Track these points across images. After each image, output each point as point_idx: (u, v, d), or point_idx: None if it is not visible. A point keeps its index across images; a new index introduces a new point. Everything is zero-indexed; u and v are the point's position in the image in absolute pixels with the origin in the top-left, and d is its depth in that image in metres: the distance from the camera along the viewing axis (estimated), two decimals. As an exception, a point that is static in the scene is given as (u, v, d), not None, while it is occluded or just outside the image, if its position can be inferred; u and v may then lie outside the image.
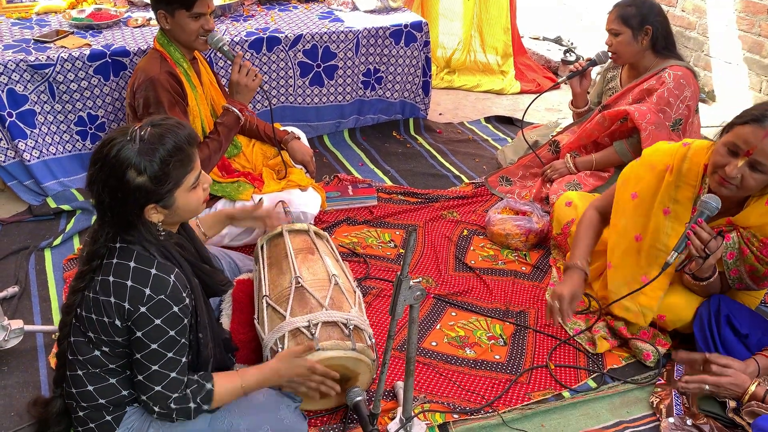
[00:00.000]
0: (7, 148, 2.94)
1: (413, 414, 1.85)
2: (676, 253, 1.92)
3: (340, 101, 3.68)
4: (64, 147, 3.08)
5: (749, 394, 1.85)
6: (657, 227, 2.13)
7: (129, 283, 1.51)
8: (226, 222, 2.27)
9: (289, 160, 2.84)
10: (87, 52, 2.94)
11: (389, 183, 3.31)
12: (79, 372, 1.61)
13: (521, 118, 3.35)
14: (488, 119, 4.10)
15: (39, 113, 2.95)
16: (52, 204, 2.96)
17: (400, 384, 2.03)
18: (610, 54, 2.90)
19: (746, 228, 1.99)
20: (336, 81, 3.60)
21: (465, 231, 2.94)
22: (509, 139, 3.81)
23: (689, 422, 1.92)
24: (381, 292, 2.52)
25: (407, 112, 3.90)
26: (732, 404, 1.91)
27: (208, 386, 1.64)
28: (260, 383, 1.74)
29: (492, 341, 2.32)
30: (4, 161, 2.95)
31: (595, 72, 3.23)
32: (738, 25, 4.07)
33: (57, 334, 1.69)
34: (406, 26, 3.61)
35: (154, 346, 1.53)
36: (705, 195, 1.96)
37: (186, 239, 1.78)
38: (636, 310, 2.18)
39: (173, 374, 1.57)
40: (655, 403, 2.06)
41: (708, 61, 4.37)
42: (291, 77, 3.48)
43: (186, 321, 1.57)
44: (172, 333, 1.54)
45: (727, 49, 4.20)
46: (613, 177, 2.90)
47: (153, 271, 1.53)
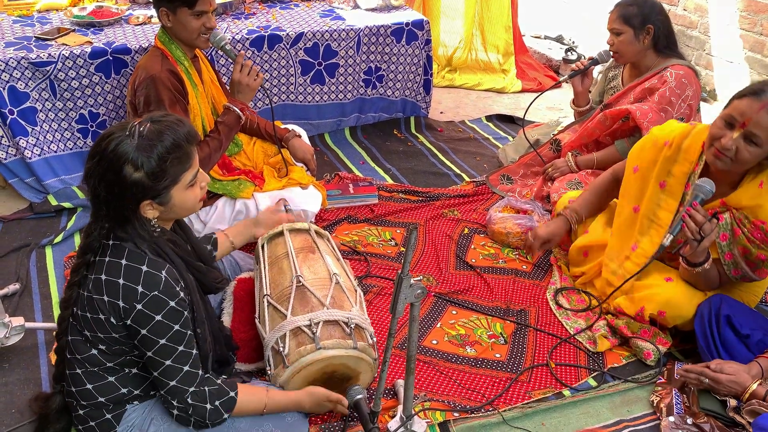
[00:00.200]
0: (9, 146, 2.94)
1: (414, 412, 1.85)
2: (671, 235, 1.96)
3: (341, 99, 3.68)
4: (65, 144, 3.08)
5: (749, 393, 1.85)
6: (651, 198, 2.20)
7: (121, 281, 1.51)
8: (252, 231, 2.32)
9: (290, 158, 2.84)
10: (88, 50, 2.94)
11: (390, 181, 3.31)
12: (78, 370, 1.61)
13: (522, 117, 3.35)
14: (489, 118, 4.10)
15: (40, 111, 2.95)
16: (53, 201, 2.96)
17: (401, 382, 2.03)
18: (612, 53, 2.90)
19: (739, 209, 2.02)
20: (337, 79, 3.60)
21: (466, 229, 2.94)
22: (510, 138, 3.81)
23: (689, 421, 1.92)
24: (382, 291, 2.52)
25: (408, 111, 3.90)
26: (732, 403, 1.91)
27: (232, 394, 1.64)
28: (281, 409, 1.77)
29: (492, 340, 2.32)
30: (6, 158, 2.96)
31: (597, 71, 3.23)
32: (740, 24, 4.07)
33: (57, 331, 1.69)
34: (408, 24, 3.61)
35: (163, 341, 1.54)
36: (700, 179, 2.00)
37: (181, 237, 1.78)
38: (621, 274, 2.28)
39: (186, 368, 1.58)
40: (656, 402, 2.06)
41: (709, 60, 4.37)
42: (292, 75, 3.48)
43: (186, 313, 1.58)
44: (177, 327, 1.55)
45: (729, 48, 4.20)
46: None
47: (144, 268, 1.53)
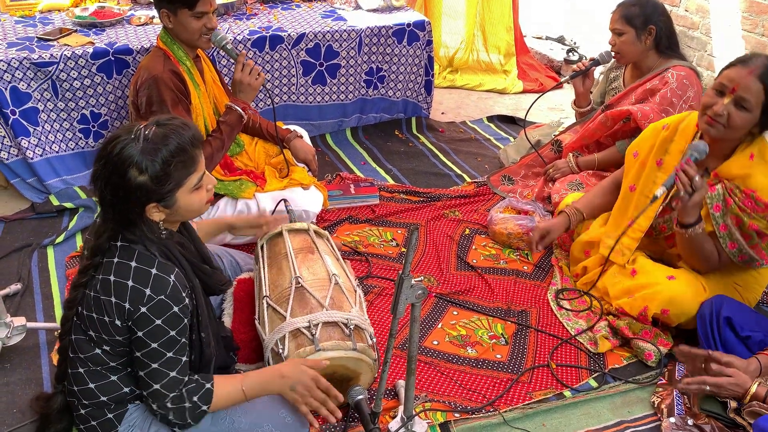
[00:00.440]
0: (11, 146, 2.95)
1: (414, 413, 1.85)
2: (665, 188, 2.03)
3: (343, 100, 3.68)
4: (67, 145, 3.09)
5: (750, 394, 1.85)
6: (648, 176, 2.29)
7: (130, 283, 1.52)
8: (225, 230, 2.28)
9: (292, 159, 2.84)
10: (90, 50, 2.95)
11: (391, 182, 3.31)
12: (81, 370, 1.61)
13: (524, 118, 3.35)
14: (491, 118, 4.10)
15: (42, 111, 2.96)
16: (55, 202, 2.96)
17: (402, 383, 2.03)
18: (614, 54, 2.90)
19: (730, 180, 2.08)
20: (338, 80, 3.60)
21: (467, 230, 2.94)
22: (511, 139, 3.81)
23: (690, 422, 1.92)
24: (383, 291, 2.52)
25: (410, 111, 3.90)
26: (733, 404, 1.91)
27: (207, 386, 1.63)
28: (262, 386, 1.69)
29: (493, 340, 2.32)
30: (7, 159, 2.96)
31: (598, 72, 3.23)
32: (742, 25, 4.06)
33: (59, 331, 1.69)
34: (409, 25, 3.61)
35: (154, 346, 1.54)
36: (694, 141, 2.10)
37: (187, 238, 1.78)
38: (617, 249, 2.34)
39: (173, 373, 1.57)
40: (657, 403, 2.06)
41: (711, 61, 4.36)
42: (293, 76, 3.48)
43: (186, 321, 1.58)
44: (173, 333, 1.55)
45: (731, 49, 4.19)
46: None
47: (153, 271, 1.53)
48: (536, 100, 3.28)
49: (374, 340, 1.94)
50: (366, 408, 1.83)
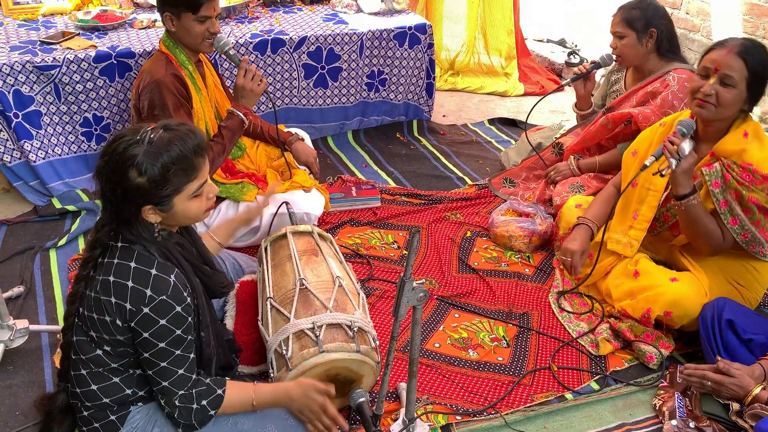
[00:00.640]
0: (13, 149, 2.96)
1: (416, 415, 1.85)
2: (654, 157, 2.14)
3: (344, 103, 3.69)
4: (70, 148, 3.09)
5: (752, 396, 1.85)
6: (648, 170, 2.30)
7: (130, 284, 1.52)
8: (241, 226, 2.29)
9: (293, 162, 2.85)
10: (92, 54, 2.96)
11: (393, 184, 3.32)
12: (83, 371, 1.62)
13: (525, 120, 3.36)
14: (492, 121, 4.10)
15: (45, 114, 2.97)
16: (58, 204, 2.97)
17: (403, 385, 2.03)
18: (615, 57, 2.90)
19: (727, 157, 2.13)
20: (340, 83, 3.61)
21: (468, 232, 2.94)
22: (513, 141, 3.81)
23: (692, 425, 1.92)
24: (384, 294, 2.52)
25: (411, 114, 3.90)
26: (735, 407, 1.91)
27: (219, 391, 1.64)
28: (272, 402, 1.72)
29: (495, 343, 2.32)
30: (10, 162, 2.97)
31: (599, 74, 3.23)
32: (743, 28, 4.07)
33: (62, 332, 1.70)
34: (410, 28, 3.62)
35: (162, 345, 1.55)
36: None
37: (188, 240, 1.79)
38: (626, 242, 2.38)
39: (181, 371, 1.59)
40: (658, 406, 2.06)
41: (712, 64, 4.36)
42: (295, 79, 3.49)
43: (190, 319, 1.59)
44: (179, 332, 1.56)
45: (732, 52, 4.19)
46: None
47: (153, 272, 1.54)
48: (537, 103, 3.28)
49: (377, 343, 1.94)
50: (368, 410, 1.83)
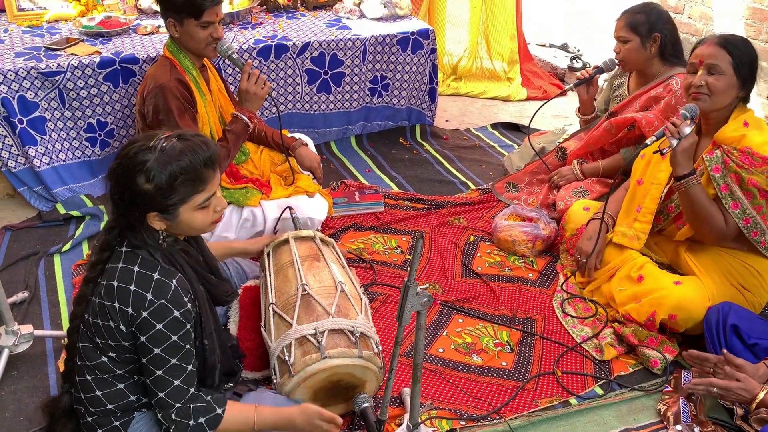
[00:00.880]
0: (18, 155, 2.97)
1: (420, 420, 1.85)
2: (655, 137, 2.20)
3: (347, 108, 3.70)
4: (74, 153, 3.10)
5: (758, 401, 1.84)
6: (653, 167, 2.40)
7: (132, 288, 1.53)
8: (235, 254, 2.30)
9: (297, 167, 2.85)
10: (97, 60, 2.97)
11: (396, 189, 3.32)
12: (88, 377, 1.62)
13: (528, 125, 3.36)
14: (495, 126, 4.11)
15: (49, 120, 2.98)
16: (62, 210, 2.98)
17: (407, 390, 2.03)
18: (618, 61, 2.90)
19: (727, 144, 2.19)
20: (343, 88, 3.62)
21: (471, 237, 2.94)
22: (516, 146, 3.81)
23: (697, 430, 1.92)
24: (387, 298, 2.52)
25: (414, 119, 3.91)
26: (740, 411, 1.90)
27: (218, 411, 1.62)
28: (274, 426, 1.71)
29: (499, 348, 2.32)
30: (15, 167, 2.98)
31: (602, 79, 3.23)
32: (745, 32, 4.06)
33: (67, 333, 1.70)
34: (413, 34, 3.63)
35: (157, 351, 1.54)
36: None
37: (194, 248, 1.79)
38: (632, 234, 2.43)
39: (177, 382, 1.58)
40: (663, 411, 2.06)
41: (715, 68, 4.36)
42: (298, 84, 3.50)
43: (189, 326, 1.58)
44: (175, 338, 1.55)
45: (734, 56, 4.19)
46: (620, 184, 2.89)
47: (155, 276, 1.55)
48: (540, 108, 3.27)
49: (380, 348, 1.94)
50: (372, 416, 1.83)
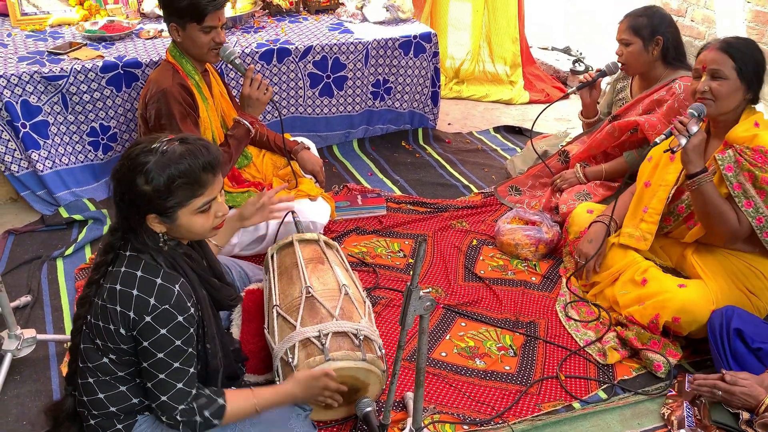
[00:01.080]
0: (21, 159, 2.97)
1: (423, 425, 1.84)
2: (664, 136, 2.21)
3: (350, 111, 3.70)
4: (77, 157, 3.11)
5: (764, 406, 1.83)
6: (661, 169, 2.39)
7: (135, 293, 1.53)
8: (237, 225, 2.25)
9: (299, 170, 2.85)
10: (100, 64, 2.98)
11: (398, 193, 3.32)
12: (90, 380, 1.62)
13: (530, 128, 3.36)
14: (497, 129, 4.11)
15: (52, 124, 2.99)
16: (65, 214, 2.98)
17: (410, 395, 2.02)
18: (621, 64, 2.90)
19: (739, 143, 2.19)
20: (345, 92, 3.62)
21: (474, 241, 2.94)
22: (518, 149, 3.81)
23: (701, 434, 1.91)
24: (390, 302, 2.52)
25: (416, 122, 3.91)
26: (745, 416, 1.89)
27: (220, 401, 1.63)
28: (275, 404, 1.73)
29: (502, 352, 2.31)
30: (18, 171, 2.99)
31: (605, 82, 3.23)
32: (747, 35, 4.06)
33: (70, 334, 1.70)
34: (416, 37, 3.63)
35: (160, 356, 1.55)
36: None
37: (199, 253, 1.79)
38: (638, 235, 2.43)
39: (180, 385, 1.58)
40: (667, 415, 2.05)
41: (718, 71, 4.36)
42: (301, 88, 3.51)
43: (192, 330, 1.58)
44: (178, 343, 1.55)
45: (737, 59, 4.19)
46: (623, 187, 2.89)
47: (158, 281, 1.55)
48: (543, 111, 3.27)
49: (383, 352, 1.94)
50: (374, 420, 1.83)
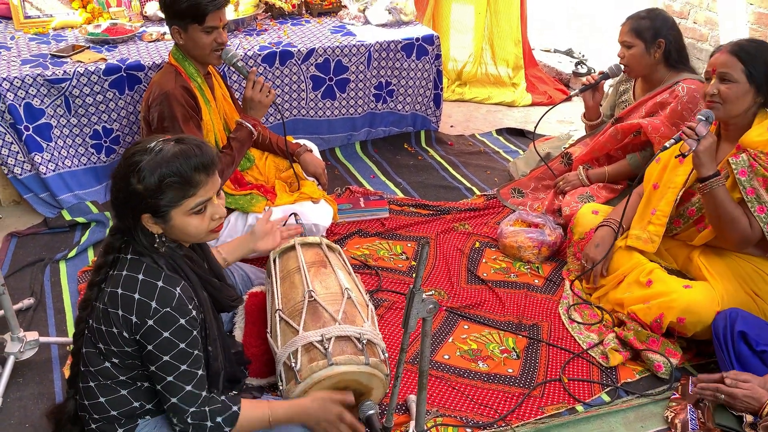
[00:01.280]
0: (24, 161, 2.98)
1: (426, 428, 1.84)
2: (674, 140, 2.22)
3: (352, 114, 3.70)
4: (80, 160, 3.11)
5: (767, 409, 1.83)
6: (670, 171, 2.39)
7: (136, 296, 1.53)
8: (251, 248, 2.27)
9: (302, 173, 2.85)
10: (102, 67, 2.98)
11: (401, 195, 3.32)
12: (92, 383, 1.62)
13: (533, 131, 3.35)
14: (500, 131, 4.10)
15: (55, 127, 2.99)
16: (67, 216, 2.98)
17: (413, 397, 2.02)
18: (623, 67, 2.90)
19: (753, 148, 2.19)
20: (348, 94, 3.62)
21: (477, 243, 2.93)
22: (521, 152, 3.81)
23: (705, 437, 1.91)
24: (393, 305, 2.51)
25: (419, 125, 3.91)
26: (749, 419, 1.89)
27: (234, 408, 1.63)
28: (288, 419, 1.72)
29: (505, 354, 2.31)
30: (21, 174, 2.99)
31: (608, 84, 3.23)
32: (750, 37, 4.06)
33: (73, 337, 1.70)
34: (418, 40, 3.63)
35: (166, 359, 1.55)
36: None
37: (199, 254, 1.79)
38: (646, 237, 2.43)
39: (188, 387, 1.58)
40: (670, 418, 2.04)
41: (720, 73, 4.35)
42: (303, 90, 3.51)
43: (195, 333, 1.58)
44: (183, 345, 1.55)
45: (740, 61, 4.18)
46: (626, 189, 2.89)
47: (159, 284, 1.55)
48: (546, 113, 3.27)
49: (386, 355, 1.93)
50: (377, 423, 1.82)
